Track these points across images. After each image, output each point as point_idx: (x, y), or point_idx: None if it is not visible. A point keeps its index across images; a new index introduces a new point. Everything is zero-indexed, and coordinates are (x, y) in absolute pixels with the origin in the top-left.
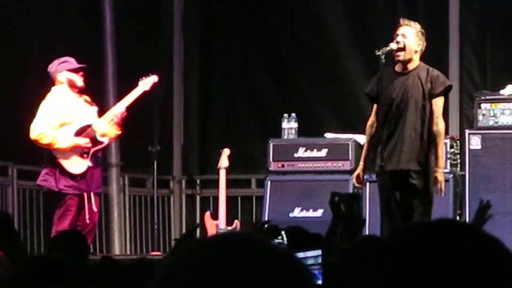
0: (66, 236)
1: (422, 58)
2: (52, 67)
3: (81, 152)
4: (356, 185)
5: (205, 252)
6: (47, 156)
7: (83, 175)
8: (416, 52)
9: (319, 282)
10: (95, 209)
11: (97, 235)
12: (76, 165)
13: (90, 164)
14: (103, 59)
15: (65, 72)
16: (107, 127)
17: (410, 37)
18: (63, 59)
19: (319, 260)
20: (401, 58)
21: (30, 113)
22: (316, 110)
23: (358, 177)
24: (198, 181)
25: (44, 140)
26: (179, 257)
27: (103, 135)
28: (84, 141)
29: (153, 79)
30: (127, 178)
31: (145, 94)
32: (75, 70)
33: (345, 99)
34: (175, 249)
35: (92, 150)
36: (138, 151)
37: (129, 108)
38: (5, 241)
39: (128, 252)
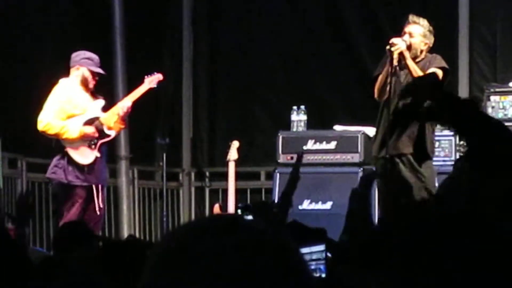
0: (71, 227)
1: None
2: (77, 56)
3: (89, 142)
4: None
5: (193, 237)
6: (56, 148)
7: (91, 167)
8: (422, 51)
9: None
10: (101, 204)
11: (107, 227)
12: (85, 155)
13: (98, 155)
14: (112, 52)
15: (85, 68)
16: (112, 120)
17: (416, 36)
18: (89, 55)
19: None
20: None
21: (39, 106)
22: (325, 103)
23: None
24: (207, 174)
25: (52, 130)
26: (168, 243)
27: (109, 128)
28: (91, 130)
29: (158, 77)
30: (136, 171)
31: (150, 91)
32: (93, 73)
33: (354, 91)
34: (165, 236)
35: (100, 142)
36: (147, 144)
37: (136, 103)
38: None
39: None
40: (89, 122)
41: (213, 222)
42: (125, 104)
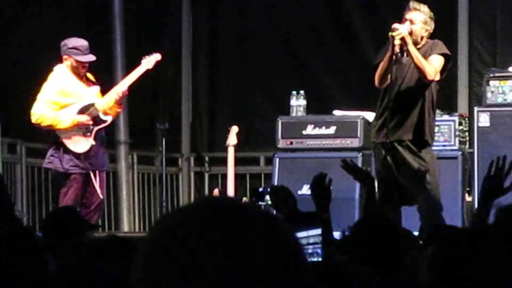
0: (62, 213)
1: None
2: (64, 46)
3: (84, 131)
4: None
5: (184, 224)
6: (52, 137)
7: (86, 154)
8: (422, 38)
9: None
10: (98, 189)
11: (106, 212)
12: (80, 144)
13: (93, 143)
14: (111, 36)
15: (72, 59)
16: (109, 105)
17: (417, 23)
18: (75, 44)
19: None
20: None
21: (39, 91)
22: (325, 88)
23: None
24: (206, 159)
25: (45, 122)
26: (158, 237)
27: (106, 114)
28: (84, 118)
29: (155, 57)
30: (135, 156)
31: (148, 72)
32: (80, 62)
33: (354, 76)
34: (152, 231)
35: (96, 128)
36: (146, 129)
37: (134, 86)
38: None
39: (137, 229)
40: (84, 110)
41: (200, 211)
42: (121, 88)
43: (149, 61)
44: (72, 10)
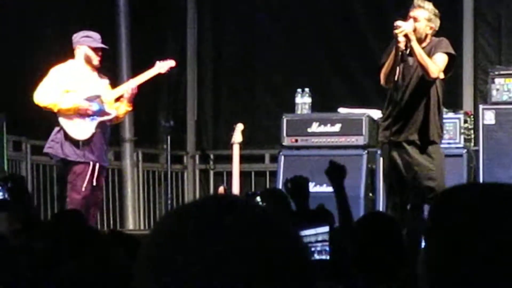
0: (66, 217)
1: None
2: (76, 37)
3: (86, 118)
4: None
5: (188, 222)
6: (55, 123)
7: (87, 143)
8: (427, 35)
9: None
10: (94, 182)
11: (111, 210)
12: (80, 130)
13: (94, 131)
14: (117, 33)
15: (85, 47)
16: (117, 101)
17: (421, 20)
18: (88, 33)
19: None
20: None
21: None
22: (330, 85)
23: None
24: (211, 156)
25: (46, 102)
26: (161, 235)
27: (111, 108)
28: (86, 104)
29: (169, 63)
30: (140, 153)
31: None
32: (95, 49)
33: (359, 74)
34: (155, 229)
35: (99, 120)
36: (151, 126)
37: (141, 86)
38: (17, 204)
39: (142, 227)
40: (90, 99)
41: (204, 209)
42: (131, 85)
43: (163, 66)
44: (77, 6)
